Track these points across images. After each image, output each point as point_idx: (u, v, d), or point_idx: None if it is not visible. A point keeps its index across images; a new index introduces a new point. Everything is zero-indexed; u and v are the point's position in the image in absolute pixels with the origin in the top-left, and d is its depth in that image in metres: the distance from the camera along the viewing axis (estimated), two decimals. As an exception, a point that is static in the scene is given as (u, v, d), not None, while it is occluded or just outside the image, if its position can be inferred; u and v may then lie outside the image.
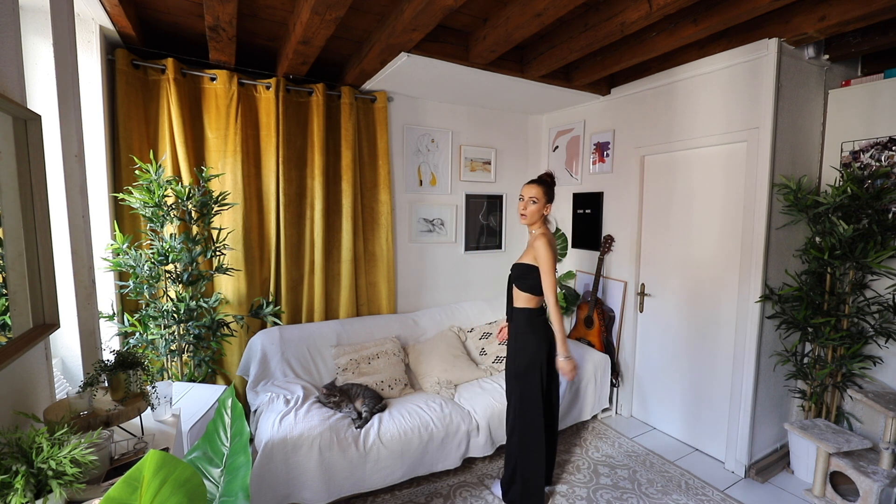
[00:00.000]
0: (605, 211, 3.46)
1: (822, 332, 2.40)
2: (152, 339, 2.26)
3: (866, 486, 2.05)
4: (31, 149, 1.18)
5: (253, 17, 2.33)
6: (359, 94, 3.08)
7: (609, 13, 2.17)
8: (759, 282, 2.47)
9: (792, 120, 2.48)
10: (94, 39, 2.19)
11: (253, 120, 2.80)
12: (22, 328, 1.15)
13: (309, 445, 2.09)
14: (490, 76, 2.81)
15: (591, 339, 3.35)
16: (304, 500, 2.09)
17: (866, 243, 2.26)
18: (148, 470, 0.66)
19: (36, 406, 1.23)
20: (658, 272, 3.09)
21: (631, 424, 3.20)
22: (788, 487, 2.47)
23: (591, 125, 3.53)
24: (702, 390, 2.83)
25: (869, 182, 2.36)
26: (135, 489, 0.65)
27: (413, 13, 1.98)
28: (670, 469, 2.63)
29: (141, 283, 2.20)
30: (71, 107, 1.52)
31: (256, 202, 2.85)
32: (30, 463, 0.85)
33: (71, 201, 1.48)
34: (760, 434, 2.61)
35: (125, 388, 1.25)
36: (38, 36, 1.40)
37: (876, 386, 2.43)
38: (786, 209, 2.48)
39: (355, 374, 2.70)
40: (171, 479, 0.68)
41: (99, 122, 2.27)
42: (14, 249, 1.13)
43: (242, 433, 1.02)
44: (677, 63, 2.79)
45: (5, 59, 1.12)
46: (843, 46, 2.49)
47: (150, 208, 2.21)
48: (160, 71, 2.52)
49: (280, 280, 2.93)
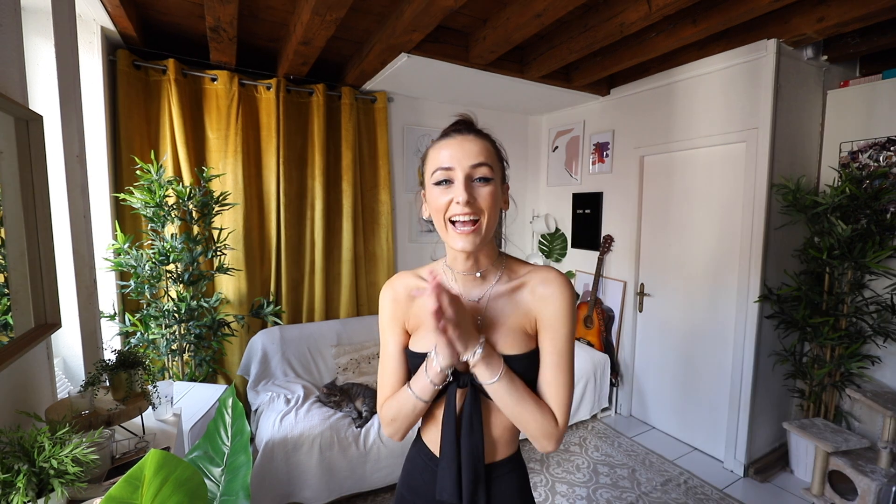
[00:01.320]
0: (604, 211, 3.46)
1: (821, 331, 2.41)
2: (153, 339, 2.27)
3: (865, 485, 2.05)
4: (33, 149, 1.19)
5: (253, 18, 2.34)
6: (359, 95, 3.09)
7: (608, 14, 2.18)
8: (757, 281, 2.48)
9: (791, 120, 2.48)
10: (95, 40, 2.20)
11: (253, 120, 2.81)
12: (24, 328, 1.16)
13: (309, 445, 2.10)
14: (490, 76, 2.82)
15: (591, 339, 3.35)
16: (305, 499, 2.10)
17: (865, 243, 2.27)
18: (149, 469, 0.66)
19: (38, 405, 1.23)
20: (657, 272, 3.10)
21: (630, 424, 3.20)
22: (787, 486, 2.48)
23: (591, 125, 3.54)
24: (701, 390, 2.83)
25: (867, 182, 2.36)
26: (136, 488, 0.65)
27: (413, 14, 1.98)
28: (669, 468, 2.64)
29: (142, 282, 2.20)
30: (72, 107, 1.52)
31: (257, 202, 2.86)
32: (31, 462, 0.86)
33: (72, 201, 1.48)
34: (759, 433, 2.62)
35: (126, 388, 1.26)
36: (40, 36, 1.41)
37: (874, 385, 2.44)
38: (784, 209, 2.48)
39: (355, 373, 2.71)
40: (172, 479, 0.68)
41: (100, 122, 2.28)
42: (16, 249, 1.14)
43: (243, 432, 1.02)
44: (677, 63, 2.80)
45: (7, 60, 1.13)
46: (842, 47, 2.50)
47: (151, 208, 2.21)
48: (161, 71, 2.53)
49: (280, 280, 2.93)
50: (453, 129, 0.84)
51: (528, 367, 0.83)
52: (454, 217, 0.79)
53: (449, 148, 0.80)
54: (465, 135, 0.82)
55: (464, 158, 0.79)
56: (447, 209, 0.80)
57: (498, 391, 0.79)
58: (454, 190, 0.79)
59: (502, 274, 0.88)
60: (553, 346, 0.83)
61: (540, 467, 2.60)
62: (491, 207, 0.80)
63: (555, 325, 0.83)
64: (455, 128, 0.85)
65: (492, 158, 0.81)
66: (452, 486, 0.81)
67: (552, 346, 0.83)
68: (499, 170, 0.84)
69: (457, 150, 0.80)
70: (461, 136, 0.82)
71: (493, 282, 0.87)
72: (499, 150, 0.86)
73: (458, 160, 0.79)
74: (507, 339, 0.83)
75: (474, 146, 0.80)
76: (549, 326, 0.83)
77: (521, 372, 0.82)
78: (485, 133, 0.85)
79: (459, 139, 0.81)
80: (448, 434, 0.82)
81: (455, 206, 0.78)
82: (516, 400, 0.79)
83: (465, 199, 0.77)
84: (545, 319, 0.83)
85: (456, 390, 0.83)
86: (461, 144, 0.80)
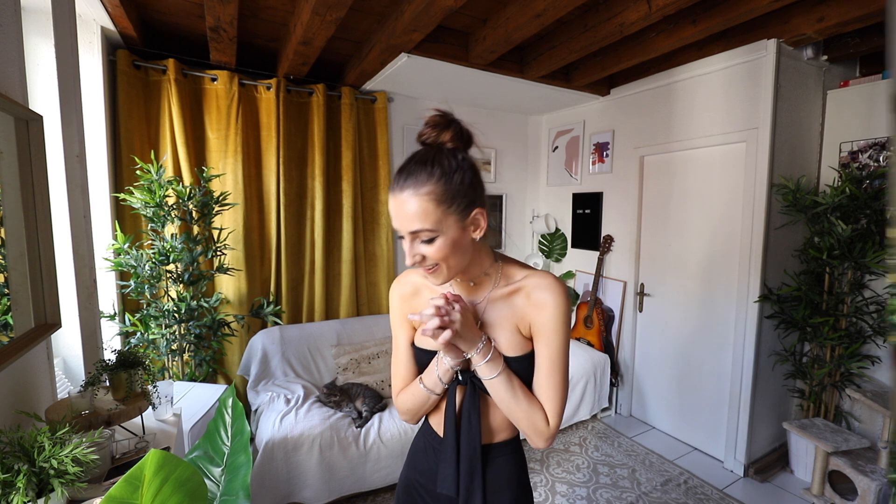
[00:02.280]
0: (604, 211, 3.46)
1: (821, 331, 2.41)
2: (153, 339, 2.27)
3: (864, 484, 2.05)
4: (33, 149, 1.19)
5: (253, 18, 2.34)
6: (359, 95, 3.09)
7: (608, 14, 2.18)
8: (757, 281, 2.48)
9: (791, 120, 2.48)
10: (95, 40, 2.20)
11: (253, 120, 2.81)
12: (24, 328, 1.16)
13: (309, 445, 2.10)
14: (490, 77, 2.82)
15: (591, 339, 3.35)
16: (305, 498, 2.10)
17: (864, 243, 2.27)
18: (149, 469, 0.66)
19: (38, 405, 1.23)
20: (657, 272, 3.10)
21: (630, 424, 3.20)
22: (787, 486, 2.48)
23: (591, 125, 3.54)
24: (701, 390, 2.83)
25: (867, 182, 2.36)
26: (136, 488, 0.65)
27: (413, 14, 1.98)
28: (669, 468, 2.64)
29: (142, 282, 2.20)
30: (72, 107, 1.52)
31: (257, 202, 2.86)
32: (31, 462, 0.86)
33: (72, 201, 1.48)
34: (759, 433, 2.62)
35: (126, 388, 1.26)
36: (40, 37, 1.41)
37: (874, 385, 2.44)
38: (784, 209, 2.48)
39: (355, 373, 2.71)
40: (172, 479, 0.68)
41: (100, 122, 2.28)
42: (16, 249, 1.14)
43: (243, 432, 1.02)
44: (676, 64, 2.80)
45: (7, 60, 1.13)
46: (842, 47, 2.50)
47: (151, 208, 2.21)
48: (161, 71, 2.53)
49: (280, 280, 2.93)
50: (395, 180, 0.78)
51: (524, 368, 0.86)
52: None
53: (392, 208, 0.77)
54: (402, 192, 0.75)
55: (403, 223, 0.76)
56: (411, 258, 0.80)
57: (495, 386, 0.83)
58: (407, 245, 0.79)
59: (499, 279, 0.88)
60: (547, 351, 0.84)
61: (540, 467, 2.60)
62: (445, 256, 0.77)
63: (549, 332, 0.83)
64: (396, 179, 0.77)
65: (432, 216, 0.74)
66: (452, 479, 0.88)
67: (546, 351, 0.84)
68: (452, 213, 0.76)
69: (397, 213, 0.76)
70: (399, 194, 0.75)
71: (490, 287, 0.88)
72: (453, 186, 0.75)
73: (399, 223, 0.77)
74: (504, 341, 0.86)
75: (410, 207, 0.74)
76: (544, 333, 0.84)
77: (518, 373, 0.85)
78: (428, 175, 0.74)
79: (398, 200, 0.76)
80: (449, 429, 0.89)
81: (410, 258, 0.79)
82: (511, 395, 0.82)
83: (411, 262, 0.78)
84: (539, 325, 0.84)
85: (456, 388, 0.89)
86: (399, 207, 0.76)
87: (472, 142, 0.84)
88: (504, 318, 0.86)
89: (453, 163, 0.77)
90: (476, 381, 0.87)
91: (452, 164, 0.77)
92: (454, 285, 0.92)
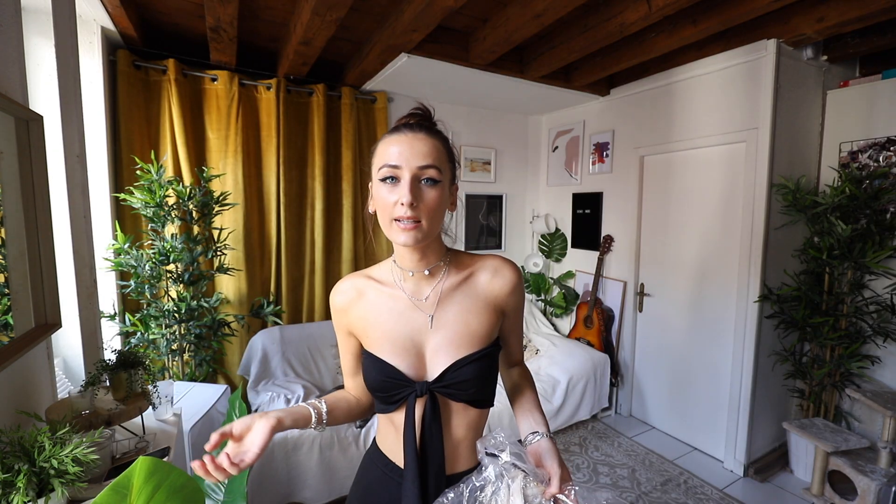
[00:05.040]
0: (604, 211, 3.46)
1: (821, 331, 2.41)
2: (153, 339, 2.27)
3: (864, 484, 2.05)
4: (33, 149, 1.19)
5: (254, 18, 2.34)
6: (359, 95, 3.09)
7: (608, 14, 2.18)
8: (757, 281, 2.48)
9: (790, 120, 2.48)
10: (95, 40, 2.20)
11: (254, 120, 2.81)
12: (24, 328, 1.16)
13: (309, 445, 2.10)
14: (490, 77, 2.82)
15: (591, 339, 3.35)
16: (305, 498, 2.10)
17: (864, 243, 2.27)
18: (138, 477, 0.65)
19: (38, 405, 1.23)
20: (657, 272, 3.10)
21: (630, 424, 3.20)
22: (787, 486, 2.48)
23: (591, 125, 3.54)
24: (701, 390, 2.83)
25: (867, 182, 2.37)
26: (123, 496, 0.64)
27: (413, 14, 1.98)
28: (669, 468, 2.64)
29: (142, 282, 2.20)
30: (73, 107, 1.52)
31: (257, 202, 2.86)
32: (32, 462, 0.86)
33: (72, 201, 1.48)
34: (759, 433, 2.62)
35: (126, 388, 1.26)
36: (40, 37, 1.41)
37: (874, 385, 2.44)
38: (784, 209, 2.48)
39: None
40: (166, 486, 0.67)
41: (100, 122, 2.28)
42: (16, 249, 1.14)
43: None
44: (676, 64, 2.80)
45: (8, 60, 1.13)
46: (842, 47, 2.50)
47: (152, 208, 2.21)
48: (161, 72, 2.53)
49: (281, 280, 2.93)
50: (405, 123, 0.80)
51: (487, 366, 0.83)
52: (398, 216, 0.76)
53: (398, 144, 0.76)
54: (415, 132, 0.78)
55: (412, 158, 0.75)
56: (392, 208, 0.76)
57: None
58: (400, 189, 0.75)
59: (449, 269, 0.87)
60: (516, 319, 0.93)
61: (540, 467, 2.60)
62: (435, 210, 0.77)
63: (513, 304, 0.89)
64: (407, 122, 0.81)
65: (441, 160, 0.78)
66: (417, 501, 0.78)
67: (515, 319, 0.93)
68: (448, 171, 0.81)
69: (406, 149, 0.76)
70: (412, 133, 0.77)
71: (440, 277, 0.86)
72: (451, 150, 0.83)
73: (405, 159, 0.75)
74: (465, 335, 0.83)
75: (424, 146, 0.76)
76: (508, 305, 0.89)
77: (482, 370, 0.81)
78: (437, 130, 0.81)
79: (410, 137, 0.77)
80: (409, 447, 0.79)
81: (399, 206, 0.75)
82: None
83: (408, 200, 0.74)
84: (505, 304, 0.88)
85: (415, 400, 0.80)
86: (411, 143, 0.76)
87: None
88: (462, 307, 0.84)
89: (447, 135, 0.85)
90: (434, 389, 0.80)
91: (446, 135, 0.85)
92: (406, 278, 0.86)
